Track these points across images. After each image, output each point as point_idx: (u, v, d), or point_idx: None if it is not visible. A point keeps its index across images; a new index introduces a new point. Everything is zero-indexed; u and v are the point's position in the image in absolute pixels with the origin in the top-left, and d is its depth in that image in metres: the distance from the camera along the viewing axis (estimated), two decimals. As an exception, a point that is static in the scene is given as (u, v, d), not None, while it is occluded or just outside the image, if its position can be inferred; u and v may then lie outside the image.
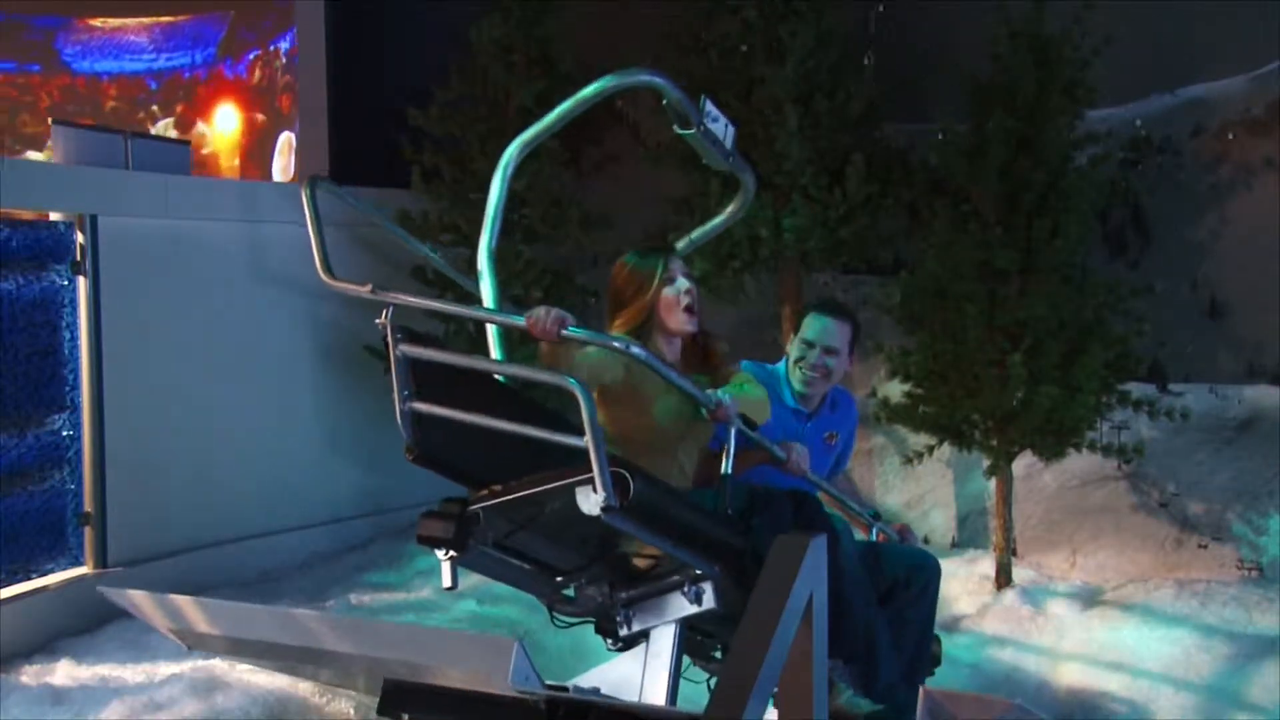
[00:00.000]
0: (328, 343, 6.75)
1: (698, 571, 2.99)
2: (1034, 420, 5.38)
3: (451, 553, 2.88)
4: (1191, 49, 6.50)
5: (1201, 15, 6.37)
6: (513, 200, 6.69)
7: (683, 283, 3.26)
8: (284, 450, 6.32)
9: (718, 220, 3.88)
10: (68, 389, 5.48)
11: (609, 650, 3.20)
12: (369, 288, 2.96)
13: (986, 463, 5.67)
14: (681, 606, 3.05)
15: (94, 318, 5.55)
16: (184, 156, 6.55)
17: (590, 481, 2.63)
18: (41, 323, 5.37)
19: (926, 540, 6.53)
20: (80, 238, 5.52)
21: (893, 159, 6.43)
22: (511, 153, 3.49)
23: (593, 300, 5.90)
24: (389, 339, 2.88)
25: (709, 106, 3.40)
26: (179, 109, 9.33)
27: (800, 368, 3.67)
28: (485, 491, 2.94)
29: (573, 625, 3.25)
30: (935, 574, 3.71)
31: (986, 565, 5.88)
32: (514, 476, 2.89)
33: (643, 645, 3.12)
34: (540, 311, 2.80)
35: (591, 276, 6.92)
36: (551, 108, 7.02)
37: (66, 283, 5.49)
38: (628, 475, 2.68)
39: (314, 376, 6.69)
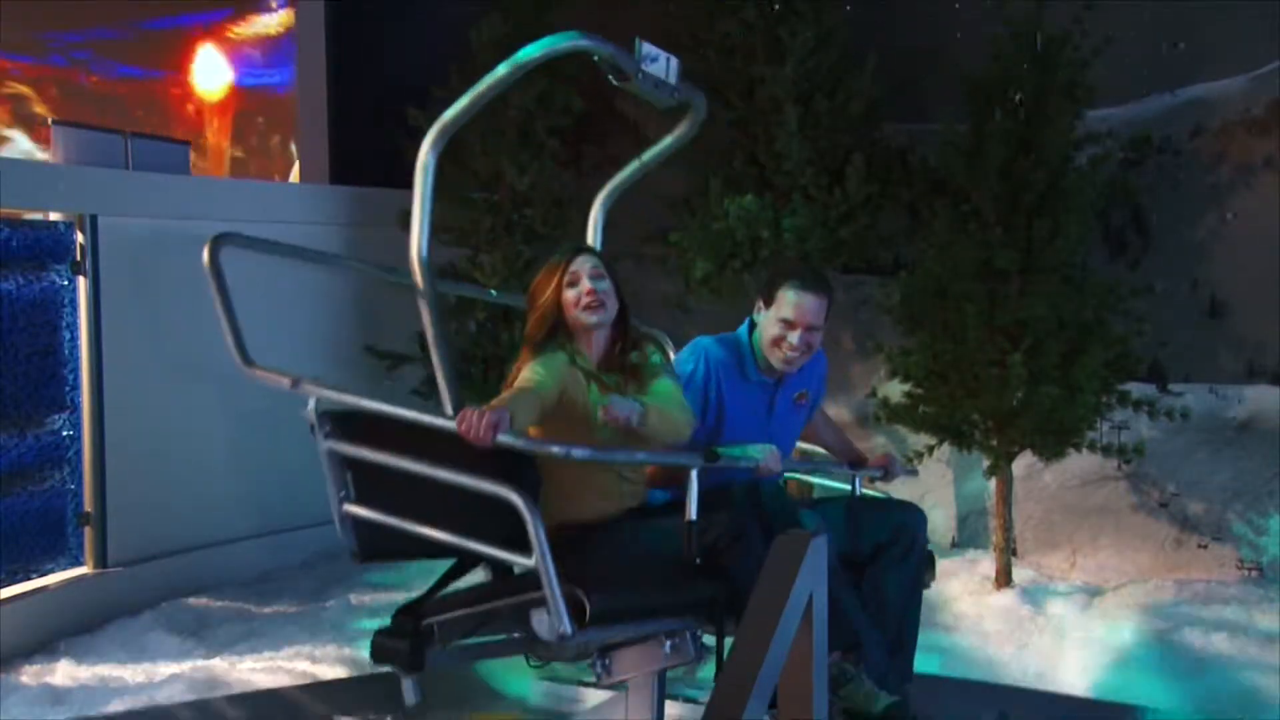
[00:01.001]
0: (328, 343, 6.75)
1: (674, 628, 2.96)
2: (1034, 420, 5.38)
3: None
4: (1191, 49, 6.50)
5: (1201, 15, 6.37)
6: (514, 200, 6.73)
7: (585, 283, 3.23)
8: (284, 450, 6.31)
9: (667, 141, 3.80)
10: (68, 389, 5.49)
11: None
12: (289, 381, 2.90)
13: (986, 463, 5.67)
14: (659, 658, 3.00)
15: (94, 318, 5.55)
16: (184, 156, 6.55)
17: (544, 602, 2.59)
18: (41, 323, 5.37)
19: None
20: (80, 238, 5.52)
21: (893, 159, 6.43)
22: (432, 136, 3.40)
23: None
24: (315, 432, 2.83)
25: (645, 48, 3.30)
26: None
27: (782, 349, 3.50)
28: (436, 602, 2.91)
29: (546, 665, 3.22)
30: (919, 528, 3.56)
31: (986, 565, 5.88)
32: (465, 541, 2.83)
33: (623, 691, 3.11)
34: (473, 414, 2.69)
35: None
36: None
37: (66, 283, 5.49)
38: (583, 597, 2.62)
39: (314, 376, 6.69)
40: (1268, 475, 5.92)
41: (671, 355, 4.16)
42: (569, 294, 3.24)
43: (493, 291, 5.54)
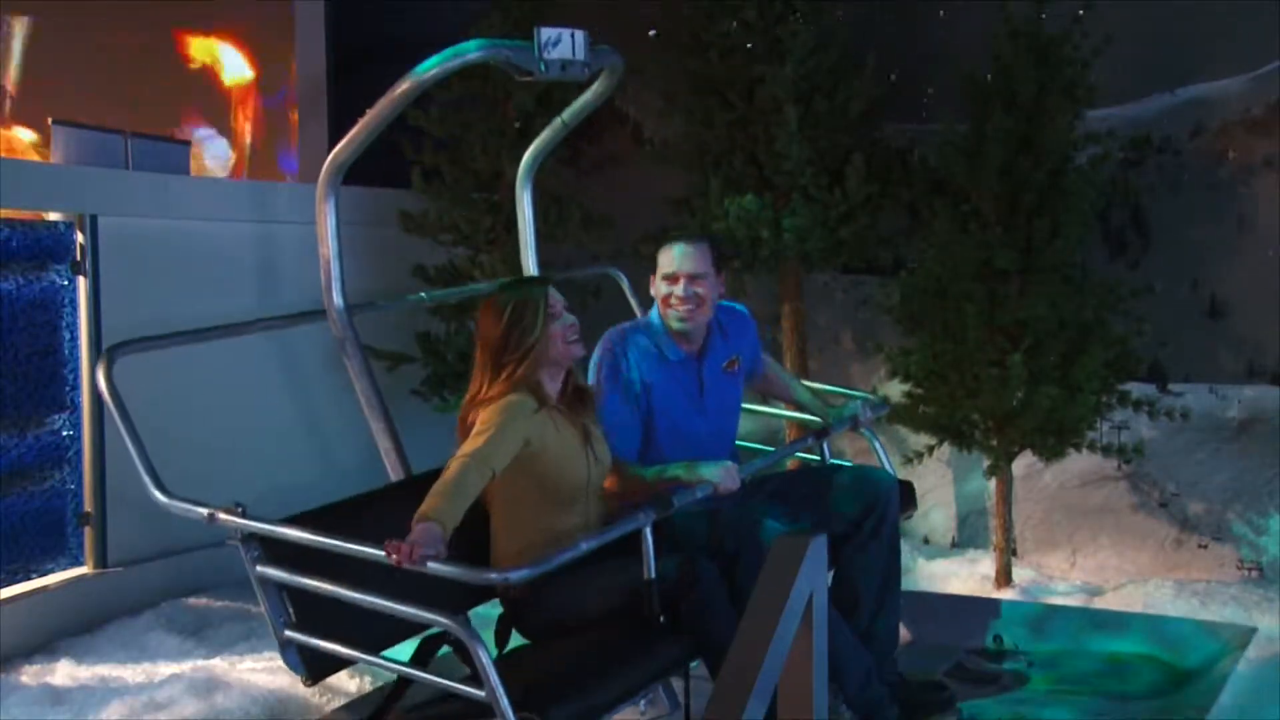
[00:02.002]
0: (328, 343, 6.72)
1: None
2: (1034, 420, 5.38)
3: None
4: (1191, 49, 6.49)
5: (1201, 15, 6.36)
6: (514, 199, 6.71)
7: (567, 316, 3.18)
8: (284, 450, 6.32)
9: (585, 98, 3.70)
10: (68, 389, 5.48)
11: None
12: (205, 514, 2.89)
13: (986, 463, 5.67)
14: (634, 716, 3.04)
15: (94, 318, 5.55)
16: (184, 156, 6.55)
17: None
18: (41, 323, 5.37)
19: (926, 540, 6.53)
20: (80, 238, 5.52)
21: (893, 159, 6.43)
22: (329, 170, 3.36)
23: (592, 299, 5.90)
24: (244, 557, 2.76)
25: (544, 34, 3.16)
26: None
27: (671, 307, 3.43)
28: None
29: None
30: (891, 496, 3.51)
31: (986, 565, 5.88)
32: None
33: None
34: (398, 545, 2.57)
35: (591, 276, 6.92)
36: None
37: (66, 283, 5.49)
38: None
39: (314, 376, 6.68)
40: (1268, 475, 5.92)
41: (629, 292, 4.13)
42: (555, 327, 3.15)
43: (424, 295, 5.35)
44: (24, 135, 7.12)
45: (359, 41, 8.03)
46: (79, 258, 5.52)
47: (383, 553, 2.60)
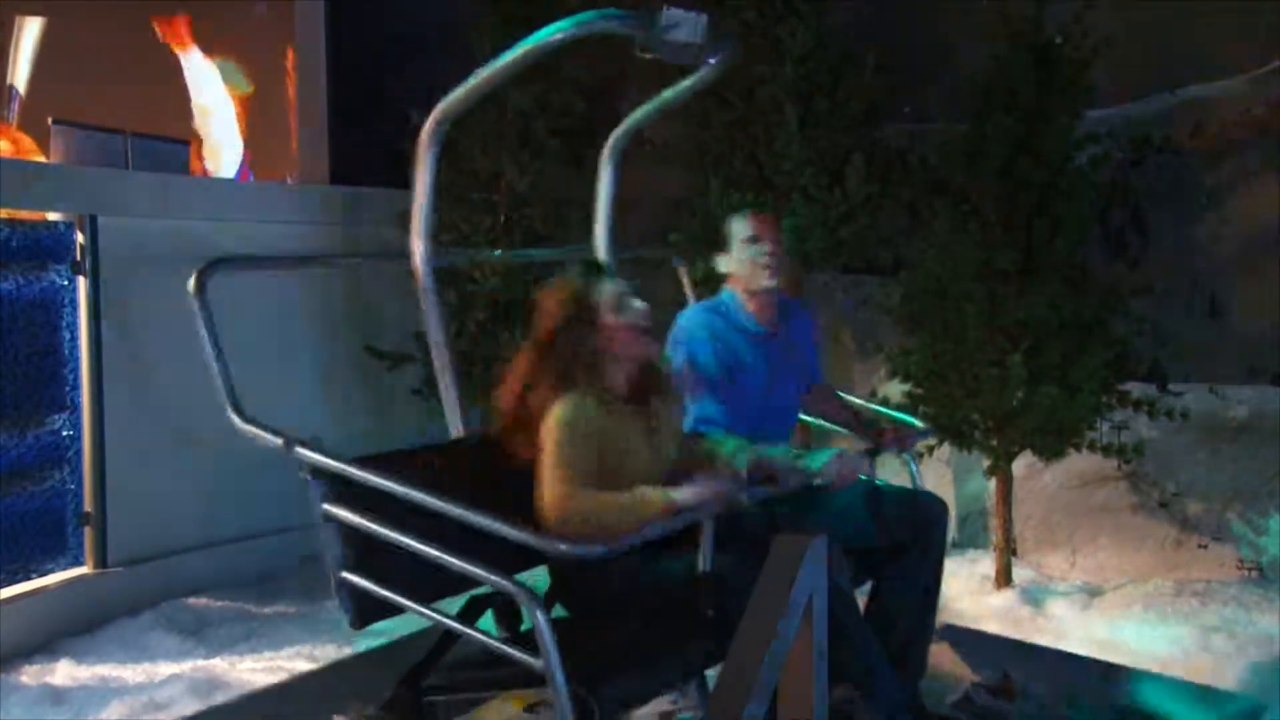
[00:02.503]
0: (328, 341, 6.75)
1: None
2: (1034, 420, 5.38)
3: None
4: (1191, 49, 6.50)
5: (1201, 15, 6.37)
6: (514, 200, 6.73)
7: (633, 308, 3.04)
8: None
9: (690, 81, 3.72)
10: (68, 389, 5.48)
11: None
12: (282, 441, 2.83)
13: (986, 463, 5.67)
14: (664, 704, 2.99)
15: (94, 318, 5.55)
16: (184, 156, 6.55)
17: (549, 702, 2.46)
18: (41, 323, 5.37)
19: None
20: (80, 238, 5.52)
21: (893, 159, 6.43)
22: (436, 117, 3.29)
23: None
24: (311, 493, 2.73)
25: (667, 15, 3.14)
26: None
27: (762, 266, 3.51)
28: (439, 675, 2.80)
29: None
30: (942, 522, 3.51)
31: (986, 565, 5.88)
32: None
33: None
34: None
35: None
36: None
37: (66, 283, 5.49)
38: (592, 702, 2.51)
39: (314, 375, 6.69)
40: (1268, 475, 5.92)
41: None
42: (622, 319, 3.01)
43: (497, 252, 5.43)
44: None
45: (359, 42, 8.04)
46: (79, 258, 5.52)
47: (449, 507, 2.60)
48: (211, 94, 7.56)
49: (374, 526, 2.71)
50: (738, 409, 3.42)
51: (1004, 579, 5.69)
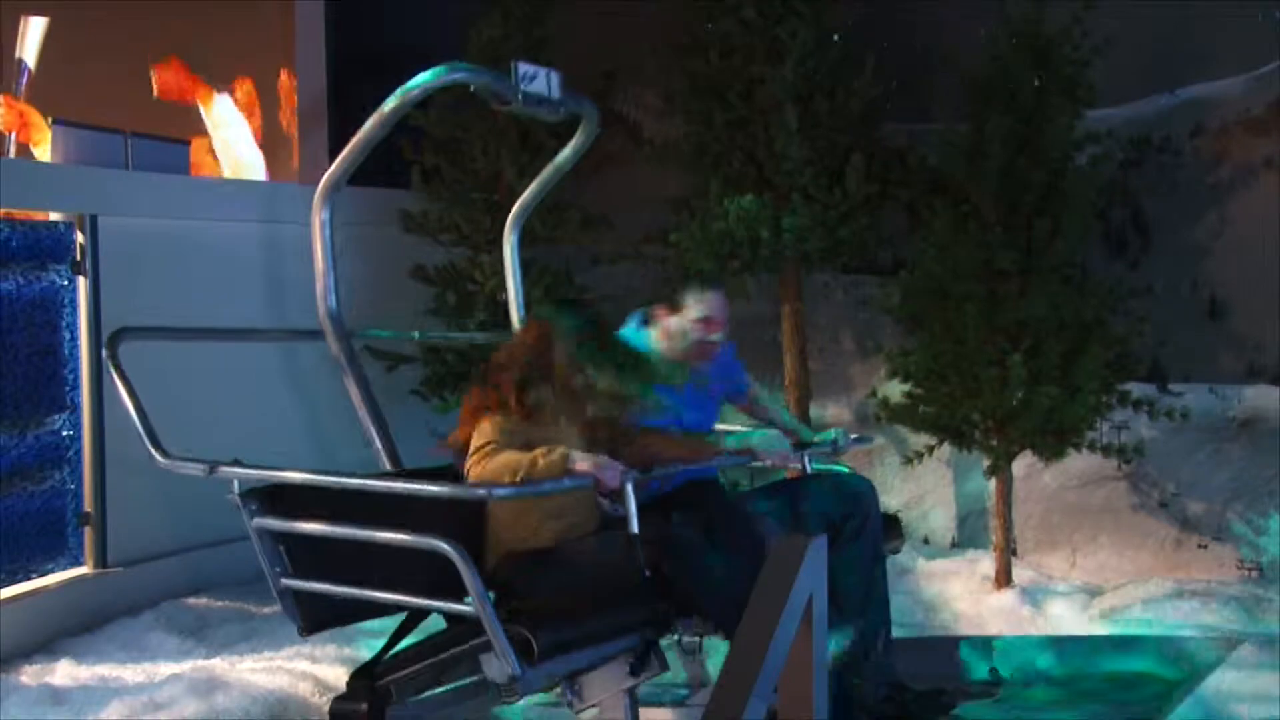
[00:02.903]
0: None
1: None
2: (1034, 420, 5.38)
3: None
4: (1191, 49, 6.50)
5: (1201, 15, 6.37)
6: (514, 200, 6.71)
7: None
8: (283, 450, 6.31)
9: (565, 154, 3.83)
10: (68, 389, 5.48)
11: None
12: (205, 468, 2.99)
13: (986, 463, 5.67)
14: (624, 677, 2.99)
15: (94, 318, 5.55)
16: (184, 156, 6.55)
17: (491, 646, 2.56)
18: (41, 323, 5.37)
19: (926, 540, 6.53)
20: (80, 238, 5.52)
21: (893, 159, 6.43)
22: (322, 190, 3.56)
23: (591, 300, 5.90)
24: (241, 511, 2.84)
25: (522, 69, 3.32)
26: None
27: (705, 351, 3.65)
28: (390, 661, 2.91)
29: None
30: (871, 501, 3.61)
31: (986, 565, 5.88)
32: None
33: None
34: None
35: (591, 277, 6.93)
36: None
37: (66, 283, 5.49)
38: (528, 635, 2.60)
39: (314, 376, 6.68)
40: (1268, 475, 5.92)
41: None
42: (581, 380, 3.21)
43: (415, 334, 5.45)
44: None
45: (359, 42, 8.03)
46: (79, 258, 5.52)
47: (372, 481, 2.80)
48: (227, 124, 7.57)
49: (306, 526, 2.81)
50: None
51: (1004, 579, 5.69)
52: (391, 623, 3.23)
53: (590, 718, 3.15)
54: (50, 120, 6.17)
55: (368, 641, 5.00)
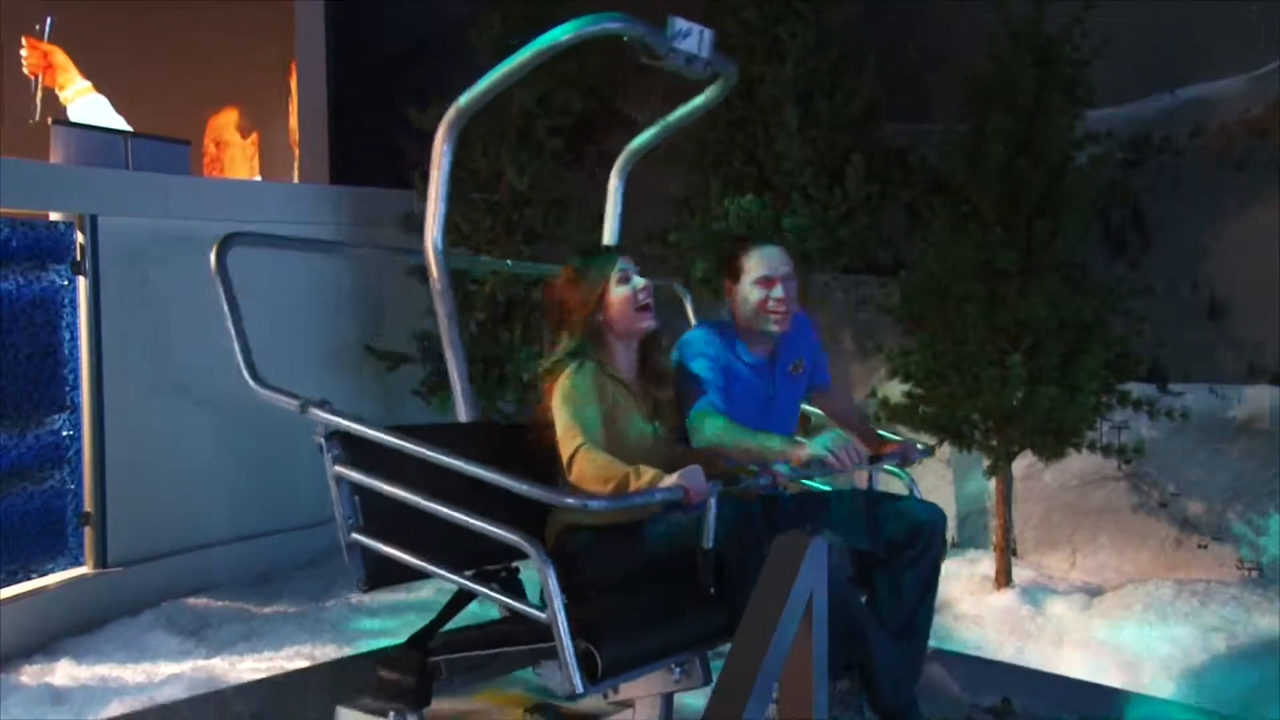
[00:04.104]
0: (328, 342, 6.75)
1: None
2: (1034, 420, 5.38)
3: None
4: (1191, 49, 6.50)
5: (1201, 15, 6.37)
6: (514, 200, 6.74)
7: (637, 280, 3.12)
8: (284, 450, 6.32)
9: (696, 102, 3.71)
10: (68, 389, 5.49)
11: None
12: (297, 404, 2.84)
13: (986, 463, 5.67)
14: (668, 682, 2.95)
15: (94, 318, 5.55)
16: (183, 156, 6.56)
17: (555, 653, 2.49)
18: (41, 323, 5.37)
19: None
20: (80, 238, 5.52)
21: (893, 159, 6.43)
22: (449, 119, 3.42)
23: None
24: (323, 454, 2.77)
25: (676, 25, 3.18)
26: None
27: (771, 311, 3.36)
28: (444, 637, 2.84)
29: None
30: (938, 529, 3.47)
31: (986, 565, 5.88)
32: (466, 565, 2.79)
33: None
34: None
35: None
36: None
37: (66, 283, 5.50)
38: (595, 653, 2.53)
39: (314, 376, 6.68)
40: (1268, 475, 5.92)
41: (689, 309, 4.18)
42: (620, 290, 3.11)
43: (509, 262, 5.54)
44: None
45: (359, 42, 8.04)
46: (79, 258, 5.52)
47: (461, 463, 2.67)
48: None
49: (383, 485, 2.75)
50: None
51: (1004, 579, 5.69)
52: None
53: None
54: (50, 120, 6.17)
55: (368, 642, 5.00)
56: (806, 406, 3.82)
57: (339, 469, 2.78)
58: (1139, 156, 6.53)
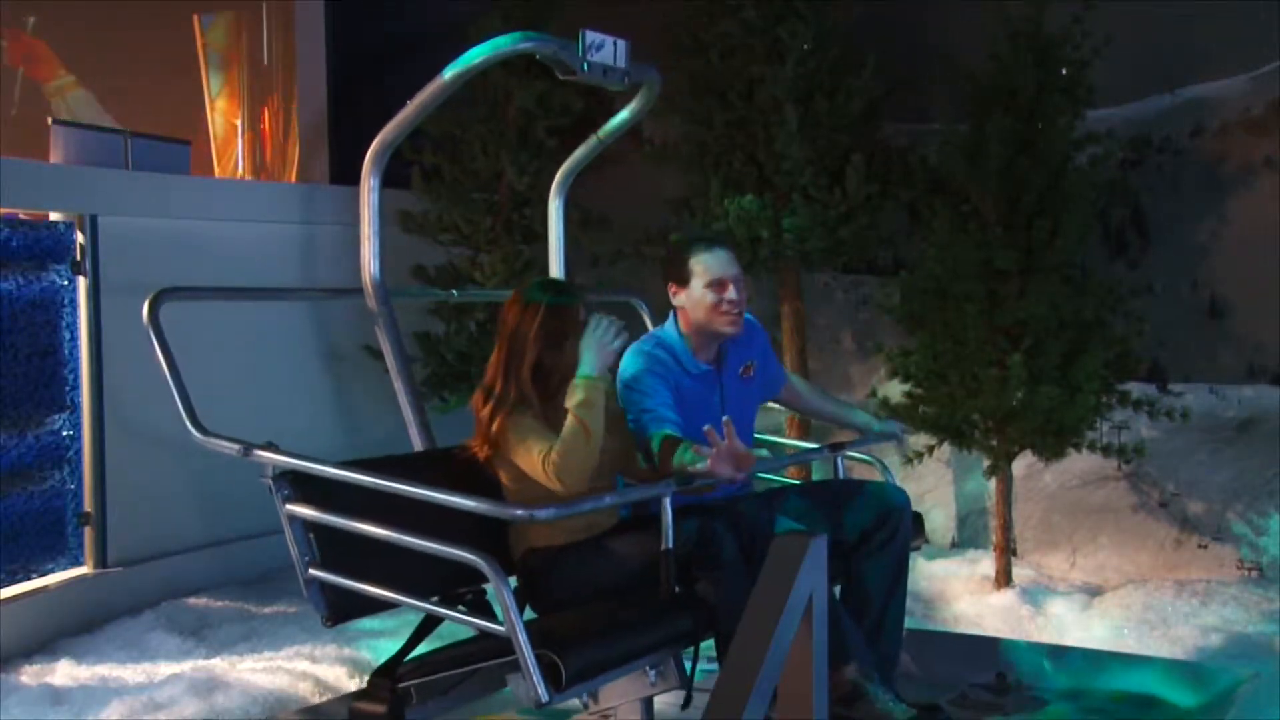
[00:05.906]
0: (328, 342, 6.75)
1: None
2: (1034, 420, 5.38)
3: None
4: (1191, 49, 6.50)
5: (1201, 15, 6.37)
6: (514, 200, 6.73)
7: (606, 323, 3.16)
8: (283, 450, 6.32)
9: (622, 116, 3.75)
10: (68, 389, 5.48)
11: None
12: (239, 448, 2.89)
13: (986, 463, 5.67)
14: (645, 687, 2.97)
15: (94, 318, 5.55)
16: (184, 156, 6.55)
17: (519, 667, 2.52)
18: (41, 323, 5.37)
19: (927, 540, 6.53)
20: (80, 238, 5.52)
21: (893, 159, 6.43)
22: (373, 153, 3.47)
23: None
24: (273, 494, 2.80)
25: (589, 38, 3.24)
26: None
27: (723, 314, 3.35)
28: (412, 663, 2.87)
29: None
30: (903, 513, 3.46)
31: (986, 565, 5.88)
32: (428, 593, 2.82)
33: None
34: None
35: (590, 276, 6.93)
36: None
37: (66, 283, 5.49)
38: (557, 660, 2.55)
39: (314, 375, 6.69)
40: (1268, 475, 5.92)
41: (647, 320, 4.18)
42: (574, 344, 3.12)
43: (454, 292, 5.53)
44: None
45: (359, 42, 8.04)
46: (79, 258, 5.52)
47: (408, 488, 2.71)
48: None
49: (337, 519, 2.78)
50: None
51: (1004, 579, 5.69)
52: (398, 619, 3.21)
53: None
54: (50, 120, 6.17)
55: (368, 642, 5.00)
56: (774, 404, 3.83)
57: (290, 507, 2.81)
58: (1139, 157, 6.53)
